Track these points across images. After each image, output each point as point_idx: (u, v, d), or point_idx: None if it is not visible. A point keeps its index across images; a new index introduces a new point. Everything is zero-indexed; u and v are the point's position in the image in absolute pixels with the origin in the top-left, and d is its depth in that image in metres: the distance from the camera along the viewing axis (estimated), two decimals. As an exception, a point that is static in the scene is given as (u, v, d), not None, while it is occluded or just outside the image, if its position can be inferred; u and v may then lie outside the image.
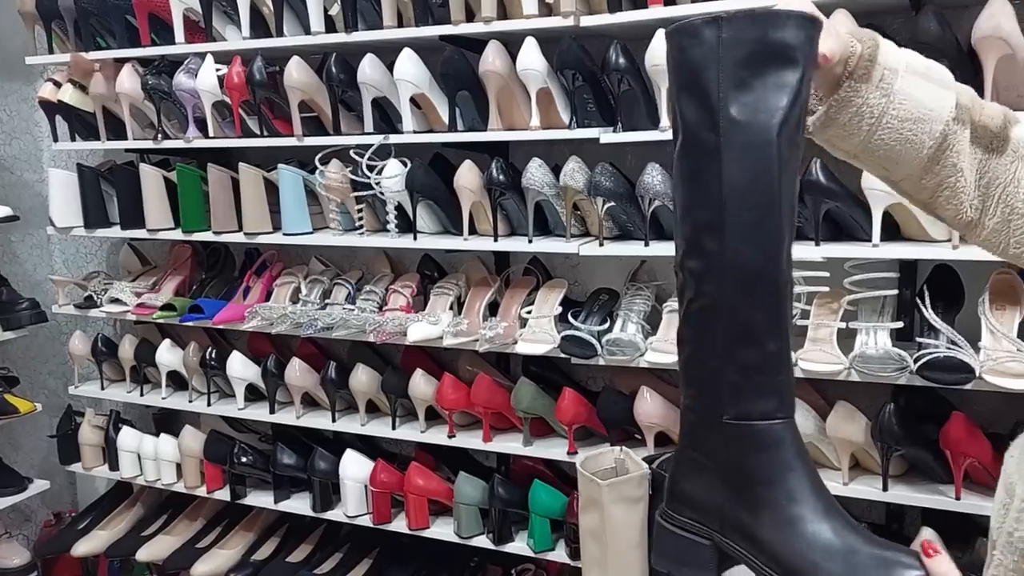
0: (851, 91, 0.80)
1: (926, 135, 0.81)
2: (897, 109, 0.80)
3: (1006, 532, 0.78)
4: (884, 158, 0.84)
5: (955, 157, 0.83)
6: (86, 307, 2.44)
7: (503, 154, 1.98)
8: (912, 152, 0.82)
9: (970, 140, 0.83)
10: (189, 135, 2.21)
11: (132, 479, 2.45)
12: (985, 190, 0.86)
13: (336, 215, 2.10)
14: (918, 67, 0.82)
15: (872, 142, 0.82)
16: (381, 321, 2.01)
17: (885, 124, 0.81)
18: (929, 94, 0.81)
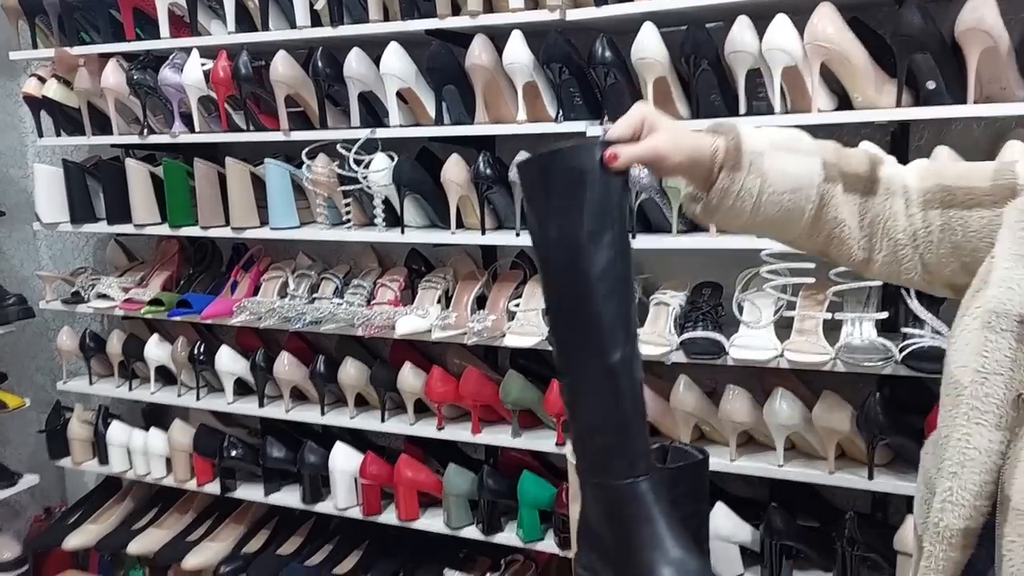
0: (727, 180, 0.91)
1: (804, 200, 0.92)
2: (772, 185, 0.91)
3: (932, 524, 0.82)
4: (772, 227, 0.95)
5: (834, 211, 0.93)
6: (73, 302, 2.43)
7: (489, 148, 1.98)
8: (796, 217, 0.93)
9: (844, 190, 0.93)
10: (175, 130, 2.20)
11: (122, 473, 2.45)
12: (869, 230, 0.94)
13: (323, 209, 2.10)
14: (781, 143, 0.93)
15: (758, 217, 0.93)
16: (369, 315, 2.01)
17: (765, 201, 0.91)
18: (796, 165, 0.92)
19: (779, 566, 1.75)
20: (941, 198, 0.91)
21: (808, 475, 1.71)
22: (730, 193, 0.91)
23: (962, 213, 0.89)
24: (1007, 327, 0.79)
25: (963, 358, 0.83)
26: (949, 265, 0.91)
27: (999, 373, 0.79)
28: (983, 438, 0.79)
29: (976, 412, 0.80)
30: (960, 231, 0.89)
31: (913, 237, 0.92)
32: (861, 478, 1.67)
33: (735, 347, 1.70)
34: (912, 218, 0.92)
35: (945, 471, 0.82)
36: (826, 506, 1.94)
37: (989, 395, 0.79)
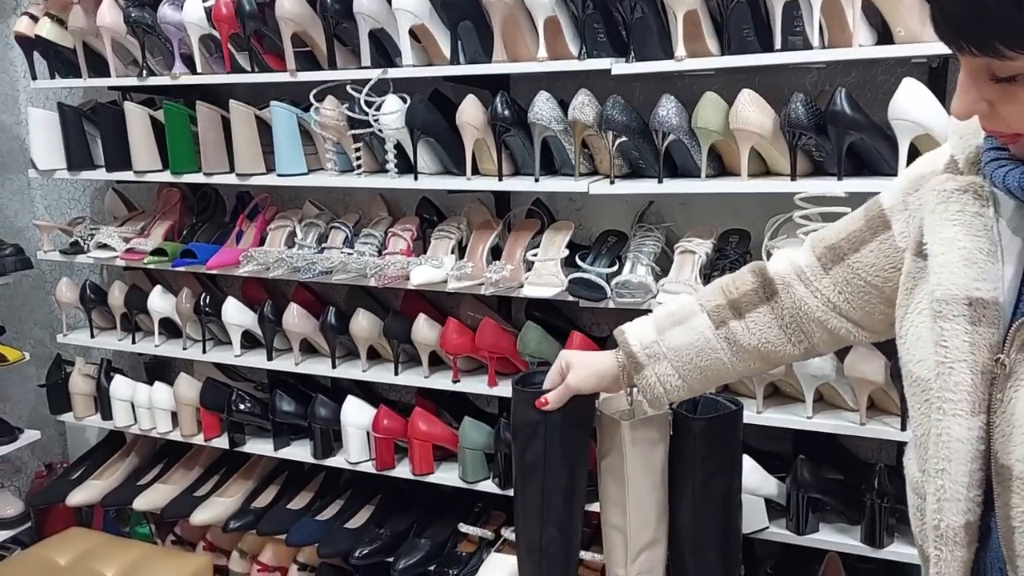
0: (641, 380, 1.08)
1: (713, 353, 1.04)
2: (680, 359, 1.05)
3: (932, 527, 0.81)
4: (709, 384, 1.09)
5: (746, 339, 1.03)
6: (72, 253, 2.35)
7: (505, 89, 1.90)
8: (720, 367, 1.05)
9: (744, 318, 1.02)
10: (175, 71, 2.11)
11: (126, 428, 2.40)
12: (793, 325, 1.02)
13: (332, 155, 2.02)
14: (666, 324, 1.06)
15: (694, 384, 1.07)
16: (382, 265, 1.94)
17: (685, 374, 1.05)
18: (685, 334, 1.05)
19: (806, 519, 1.71)
20: (832, 256, 0.97)
21: (838, 426, 1.67)
22: (650, 387, 1.07)
23: (855, 256, 0.94)
24: (958, 312, 0.78)
25: (919, 353, 0.82)
26: (876, 311, 0.96)
27: (962, 360, 0.77)
28: (962, 427, 0.78)
29: (950, 404, 0.78)
30: (862, 271, 0.94)
31: (830, 306, 0.98)
32: (893, 428, 1.62)
33: (765, 296, 1.63)
34: (820, 290, 0.98)
35: (932, 470, 0.80)
36: (851, 459, 1.90)
37: (958, 383, 0.78)
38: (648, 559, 1.27)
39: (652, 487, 1.25)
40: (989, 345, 0.77)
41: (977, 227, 0.79)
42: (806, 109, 1.54)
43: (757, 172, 1.71)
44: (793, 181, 1.61)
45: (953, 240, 0.79)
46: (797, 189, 1.60)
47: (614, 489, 1.26)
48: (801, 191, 1.60)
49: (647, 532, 1.25)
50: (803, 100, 1.54)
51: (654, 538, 1.26)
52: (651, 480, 1.25)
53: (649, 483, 1.24)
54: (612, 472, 1.26)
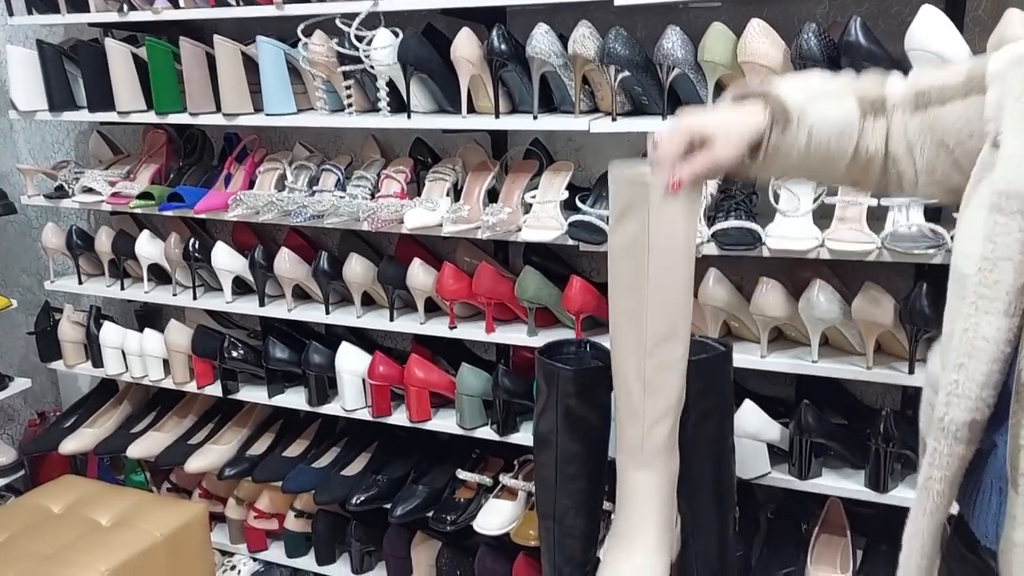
0: (778, 140, 0.95)
1: (847, 141, 0.95)
2: (818, 136, 0.94)
3: (936, 419, 0.81)
4: (821, 171, 1.00)
5: (865, 141, 0.95)
6: (57, 197, 2.29)
7: (500, 23, 1.81)
8: (838, 159, 0.96)
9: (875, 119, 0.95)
10: (157, 6, 2.02)
11: (118, 376, 2.36)
12: (885, 148, 0.95)
13: (322, 94, 1.94)
14: (817, 91, 0.97)
15: (799, 165, 0.97)
16: (375, 208, 1.88)
17: (812, 150, 0.95)
18: (836, 110, 0.95)
19: (808, 464, 1.69)
20: (918, 101, 0.93)
21: (844, 371, 1.63)
22: (779, 151, 0.95)
23: (938, 110, 0.90)
24: (1016, 208, 0.75)
25: (968, 248, 0.79)
26: (940, 167, 0.92)
27: (1008, 258, 0.75)
28: (991, 326, 0.76)
29: (985, 301, 0.76)
30: (939, 127, 0.90)
31: (908, 146, 0.94)
32: (901, 373, 1.59)
33: (772, 237, 1.59)
34: (906, 127, 0.94)
35: (951, 363, 0.79)
36: (856, 404, 1.87)
37: (999, 282, 0.75)
38: (668, 353, 1.10)
39: (676, 263, 1.07)
40: None
41: None
42: (818, 40, 1.47)
43: (764, 108, 1.65)
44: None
45: None
46: (806, 125, 1.53)
47: (628, 268, 1.08)
48: (811, 127, 1.53)
49: (668, 318, 1.08)
50: (815, 31, 1.47)
51: (675, 331, 1.10)
52: (676, 256, 1.07)
53: (674, 258, 1.07)
54: (628, 249, 1.07)
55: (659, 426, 1.14)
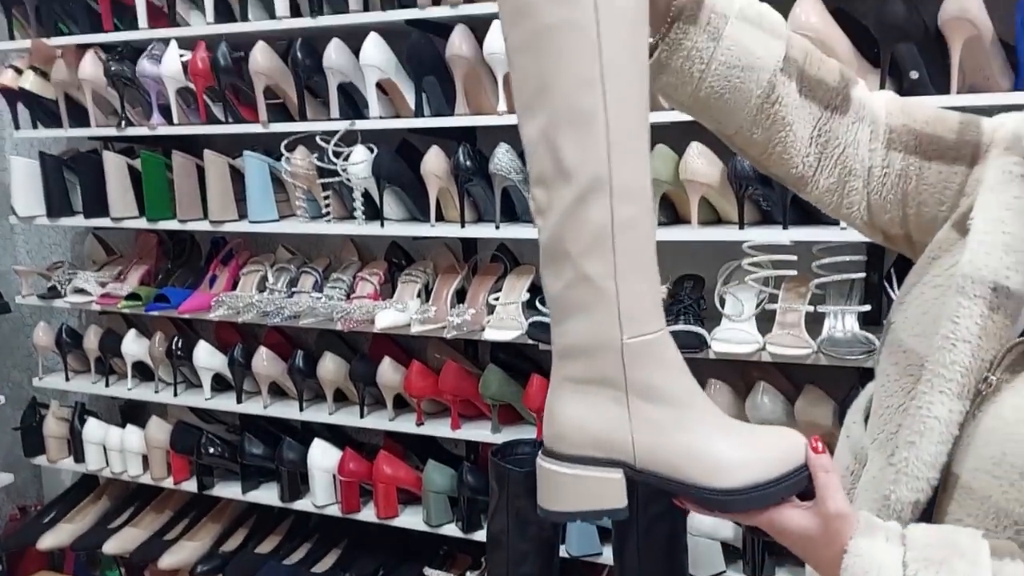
0: (680, 33, 0.81)
1: (753, 83, 0.82)
2: (725, 55, 0.81)
3: (882, 496, 0.78)
4: (714, 108, 0.85)
5: (784, 110, 0.84)
6: (50, 297, 2.40)
7: (470, 140, 1.96)
8: (740, 100, 0.83)
9: (801, 94, 0.85)
10: (153, 122, 2.18)
11: (98, 471, 2.41)
12: (822, 148, 0.86)
13: (303, 202, 2.07)
14: (750, 15, 0.83)
15: (702, 90, 0.83)
16: (349, 309, 1.98)
17: (713, 71, 0.82)
18: (758, 42, 0.82)
19: (761, 562, 1.73)
20: (906, 142, 0.86)
21: (790, 470, 1.69)
22: (681, 48, 0.82)
23: (922, 163, 0.85)
24: (980, 293, 0.76)
25: (919, 327, 0.79)
26: (890, 212, 0.87)
27: (967, 341, 0.75)
28: (944, 407, 0.75)
29: (940, 380, 0.76)
30: (915, 180, 0.85)
31: (868, 172, 0.87)
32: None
33: (717, 340, 1.68)
34: (874, 153, 0.86)
35: (901, 440, 0.78)
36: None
37: (955, 363, 0.75)
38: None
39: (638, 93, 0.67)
40: (998, 336, 0.76)
41: None
42: (751, 160, 1.59)
43: (709, 220, 1.77)
44: (741, 230, 1.66)
45: (1000, 223, 0.78)
46: (745, 237, 1.65)
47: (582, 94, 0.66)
48: (748, 239, 1.65)
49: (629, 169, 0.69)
50: (747, 152, 1.59)
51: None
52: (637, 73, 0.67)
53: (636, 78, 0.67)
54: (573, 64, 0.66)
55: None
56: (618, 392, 0.67)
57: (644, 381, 0.67)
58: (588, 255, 0.66)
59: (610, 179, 0.65)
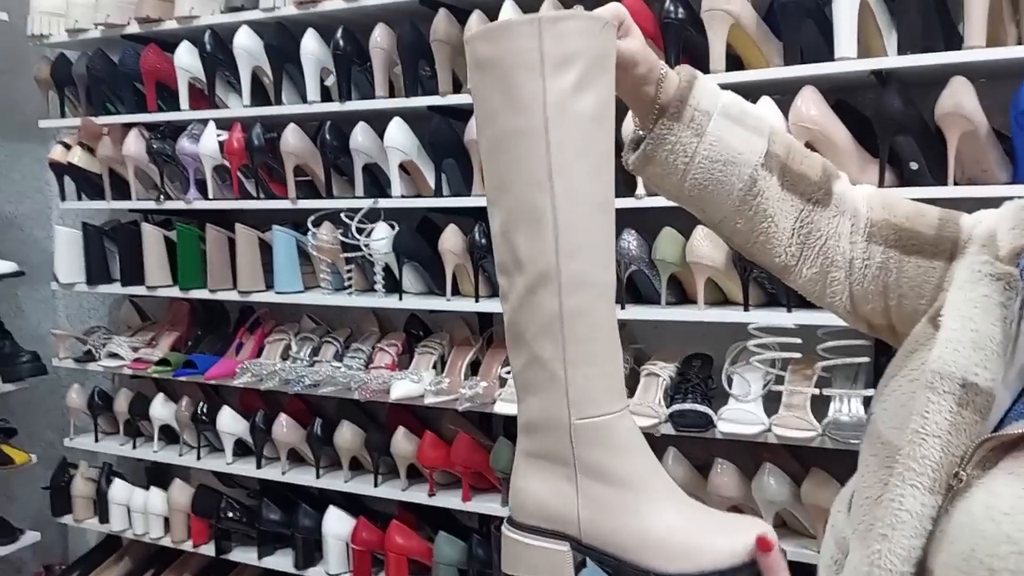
0: (664, 128, 0.84)
1: (735, 177, 0.85)
2: (707, 150, 0.84)
3: None
4: (699, 198, 0.88)
5: (765, 203, 0.87)
6: (85, 361, 2.50)
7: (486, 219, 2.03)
8: (723, 193, 0.87)
9: (783, 188, 0.88)
10: (190, 197, 2.29)
11: (121, 532, 2.47)
12: (804, 240, 0.89)
13: (327, 275, 2.16)
14: (733, 112, 0.86)
15: (687, 181, 0.86)
16: (366, 379, 2.04)
17: (697, 164, 0.85)
18: (739, 139, 0.85)
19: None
20: (886, 236, 0.87)
21: (800, 554, 1.68)
22: (665, 143, 0.84)
23: (901, 257, 0.87)
24: (949, 389, 0.77)
25: (895, 419, 0.81)
26: (872, 303, 0.89)
27: (937, 436, 0.77)
28: (916, 501, 0.76)
29: (912, 473, 0.77)
30: (895, 273, 0.87)
31: (850, 264, 0.88)
32: (849, 557, 1.64)
33: (723, 420, 1.70)
34: (855, 246, 0.88)
35: (875, 532, 0.79)
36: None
37: (926, 457, 0.77)
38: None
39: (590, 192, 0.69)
40: (968, 431, 0.76)
41: (997, 316, 0.79)
42: (754, 245, 1.64)
43: (717, 300, 1.81)
44: (746, 311, 1.70)
45: (968, 320, 0.79)
46: (750, 319, 1.69)
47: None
48: (753, 321, 1.68)
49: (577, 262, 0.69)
50: (751, 237, 1.64)
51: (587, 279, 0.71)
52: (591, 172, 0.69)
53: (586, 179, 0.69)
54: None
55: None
56: (568, 469, 0.71)
57: (593, 461, 0.70)
58: (539, 339, 0.70)
59: (558, 272, 0.69)
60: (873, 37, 1.63)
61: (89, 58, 2.35)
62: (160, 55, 2.28)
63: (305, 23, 2.09)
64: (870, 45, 1.63)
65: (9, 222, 2.81)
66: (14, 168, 2.82)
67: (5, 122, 2.76)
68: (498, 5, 1.84)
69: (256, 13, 2.14)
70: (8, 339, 2.55)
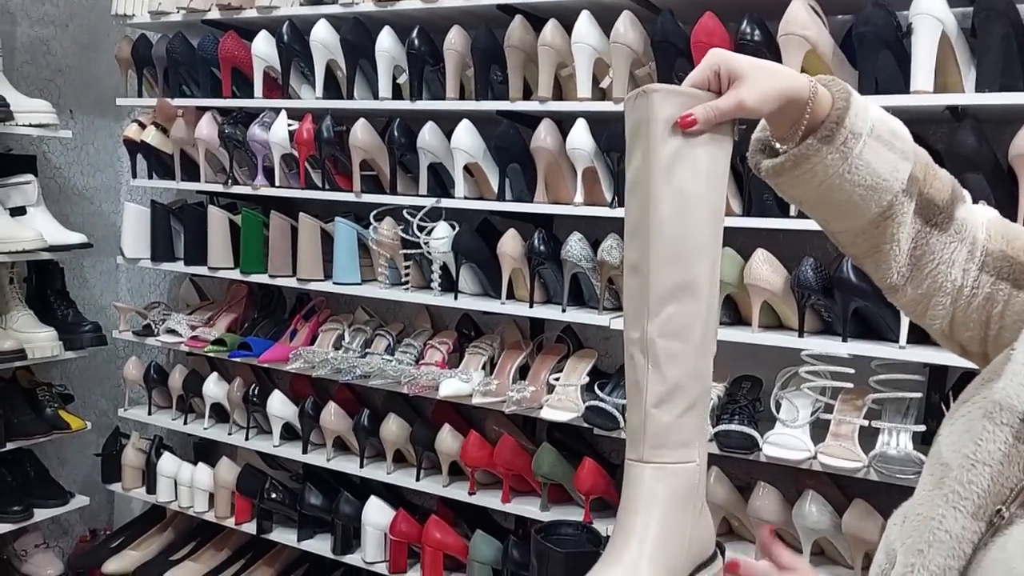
0: (811, 149, 0.81)
1: (873, 202, 0.83)
2: (852, 174, 0.81)
3: None
4: (828, 211, 0.87)
5: (895, 228, 0.85)
6: (144, 335, 2.57)
7: (547, 225, 2.06)
8: (856, 213, 0.85)
9: (913, 211, 0.86)
10: (257, 183, 2.35)
11: (167, 504, 2.54)
12: (917, 261, 0.87)
13: (385, 269, 2.20)
14: (882, 133, 0.83)
15: (821, 196, 0.84)
16: (416, 374, 2.08)
17: (837, 185, 0.82)
18: (886, 164, 0.83)
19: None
20: (1000, 267, 0.85)
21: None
22: (807, 162, 0.81)
23: (1011, 290, 0.85)
24: (1007, 421, 0.77)
25: (956, 443, 0.81)
26: (971, 331, 0.88)
27: (988, 464, 0.77)
28: (957, 523, 0.77)
29: (956, 496, 0.77)
30: (1001, 305, 0.85)
31: (957, 291, 0.87)
32: (888, 591, 1.64)
33: (768, 444, 1.70)
34: (967, 273, 0.86)
35: (912, 547, 0.80)
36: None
37: (972, 483, 0.77)
38: (679, 313, 0.85)
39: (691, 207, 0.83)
40: (1022, 465, 0.76)
41: None
42: (815, 272, 1.64)
43: (770, 324, 1.81)
44: (800, 337, 1.70)
45: None
46: (803, 345, 1.69)
47: (633, 208, 0.87)
48: (807, 348, 1.68)
49: (677, 268, 0.84)
50: (812, 264, 1.65)
51: (688, 284, 0.85)
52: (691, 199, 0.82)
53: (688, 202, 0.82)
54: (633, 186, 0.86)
55: (665, 408, 0.87)
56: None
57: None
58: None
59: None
60: (951, 72, 1.62)
61: (169, 40, 2.42)
62: (238, 42, 2.35)
63: (382, 20, 2.14)
64: (947, 79, 1.62)
65: (80, 194, 2.90)
66: (89, 142, 2.91)
67: (83, 96, 2.86)
68: (574, 14, 1.86)
69: (335, 8, 2.19)
70: (72, 308, 2.63)
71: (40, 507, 2.50)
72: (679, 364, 0.87)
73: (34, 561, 2.56)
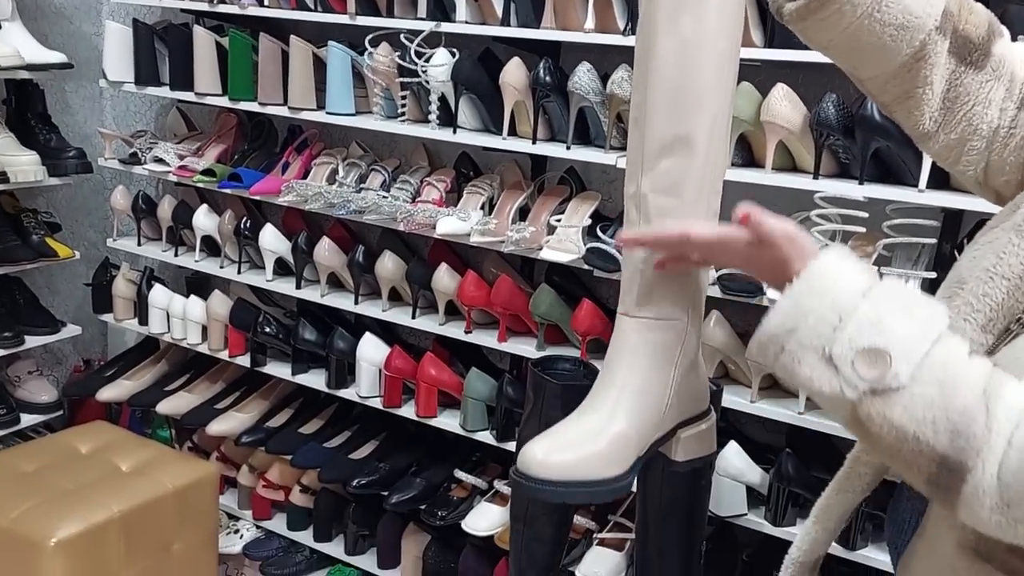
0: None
1: (905, 43, 0.79)
2: (882, 12, 0.77)
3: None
4: (856, 57, 0.82)
5: (928, 70, 0.81)
6: (130, 163, 2.48)
7: (554, 55, 1.94)
8: (887, 57, 0.80)
9: (948, 52, 0.81)
10: (244, 2, 2.20)
11: (160, 335, 2.53)
12: (951, 104, 0.83)
13: (380, 100, 2.09)
14: None
15: (848, 40, 0.80)
16: (412, 211, 2.01)
17: (867, 26, 0.78)
18: (918, 1, 0.78)
19: (784, 512, 1.75)
20: None
21: (829, 426, 1.69)
22: (834, 2, 0.78)
23: None
24: None
25: (975, 259, 0.78)
26: (1007, 175, 0.84)
27: (1006, 277, 0.74)
28: (965, 335, 0.74)
29: (969, 307, 0.75)
30: None
31: (993, 133, 0.83)
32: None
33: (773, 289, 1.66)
34: (1004, 113, 0.82)
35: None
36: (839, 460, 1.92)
37: (987, 295, 0.75)
38: (672, 169, 0.85)
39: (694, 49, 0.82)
40: None
41: None
42: (836, 110, 1.55)
43: (784, 166, 1.73)
44: (815, 180, 1.63)
45: None
46: (818, 188, 1.62)
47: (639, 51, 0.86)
48: (821, 190, 1.61)
49: (675, 118, 0.84)
50: (834, 101, 1.55)
51: (686, 139, 0.84)
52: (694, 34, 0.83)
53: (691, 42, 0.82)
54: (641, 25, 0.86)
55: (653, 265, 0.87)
56: None
57: None
58: None
59: None
60: None
61: None
62: None
63: None
64: None
65: (58, 13, 2.73)
66: (63, -44, 2.71)
67: (56, -96, 2.64)
68: None
69: None
70: (55, 134, 2.52)
71: (30, 334, 2.48)
72: (671, 221, 0.86)
73: (28, 387, 2.58)
